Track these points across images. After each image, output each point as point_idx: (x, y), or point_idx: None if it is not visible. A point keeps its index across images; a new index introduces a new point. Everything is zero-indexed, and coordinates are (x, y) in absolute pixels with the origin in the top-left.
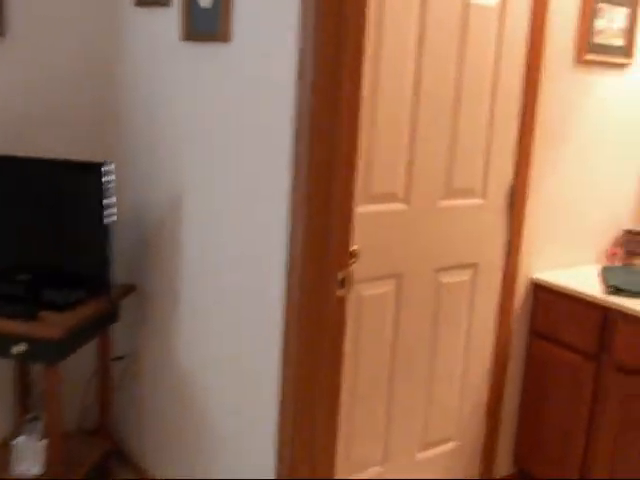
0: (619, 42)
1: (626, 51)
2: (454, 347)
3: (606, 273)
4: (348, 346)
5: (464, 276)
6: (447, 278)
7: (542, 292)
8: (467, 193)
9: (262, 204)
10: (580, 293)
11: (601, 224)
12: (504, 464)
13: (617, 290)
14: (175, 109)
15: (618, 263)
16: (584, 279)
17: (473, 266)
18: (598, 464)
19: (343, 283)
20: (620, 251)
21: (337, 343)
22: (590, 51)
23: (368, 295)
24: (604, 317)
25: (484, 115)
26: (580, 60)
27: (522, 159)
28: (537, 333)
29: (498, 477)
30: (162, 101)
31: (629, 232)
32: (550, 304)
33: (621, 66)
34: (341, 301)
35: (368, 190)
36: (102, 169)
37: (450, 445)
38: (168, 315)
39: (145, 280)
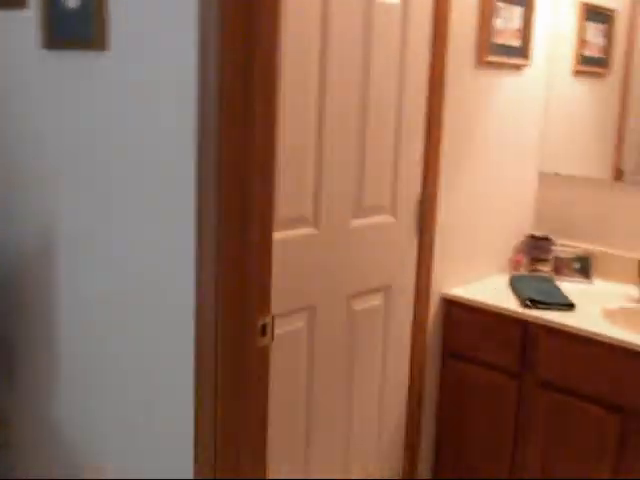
0: (516, 43)
1: (523, 52)
2: (370, 380)
3: (516, 284)
4: None
5: (377, 300)
6: (360, 304)
7: (456, 309)
8: (377, 210)
9: (157, 233)
10: (497, 308)
11: (505, 232)
12: None
13: (533, 302)
14: (38, 128)
15: (524, 271)
16: (496, 292)
17: (386, 288)
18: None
19: (264, 330)
20: (524, 258)
21: (261, 402)
22: (491, 52)
23: (279, 334)
24: (524, 332)
25: (391, 124)
26: (482, 61)
27: (429, 171)
28: (453, 353)
29: None
30: (21, 120)
31: (531, 237)
32: (465, 321)
33: (518, 67)
34: (264, 353)
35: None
36: None
37: None
38: (43, 373)
39: (9, 330)
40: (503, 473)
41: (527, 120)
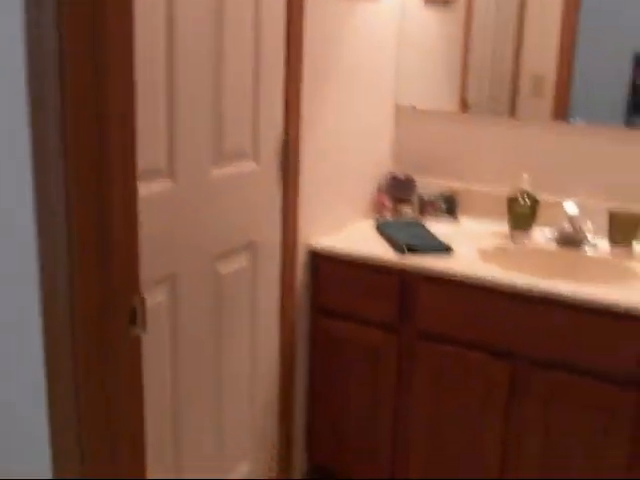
0: None
1: None
2: (240, 349)
3: (386, 229)
4: None
5: (243, 261)
6: (226, 267)
7: (325, 262)
8: (239, 156)
9: None
10: (370, 258)
11: (366, 173)
12: (300, 464)
13: (409, 248)
14: None
15: (388, 214)
16: (365, 240)
17: (251, 245)
18: (411, 443)
19: (134, 316)
20: (388, 200)
21: (136, 403)
22: None
23: None
24: (401, 281)
25: (249, 59)
26: None
27: (291, 110)
28: (325, 310)
29: (296, 477)
30: None
31: (393, 178)
32: (336, 275)
33: None
34: (134, 345)
35: None
36: None
37: (246, 464)
38: None
39: None
40: (386, 432)
41: (384, 52)
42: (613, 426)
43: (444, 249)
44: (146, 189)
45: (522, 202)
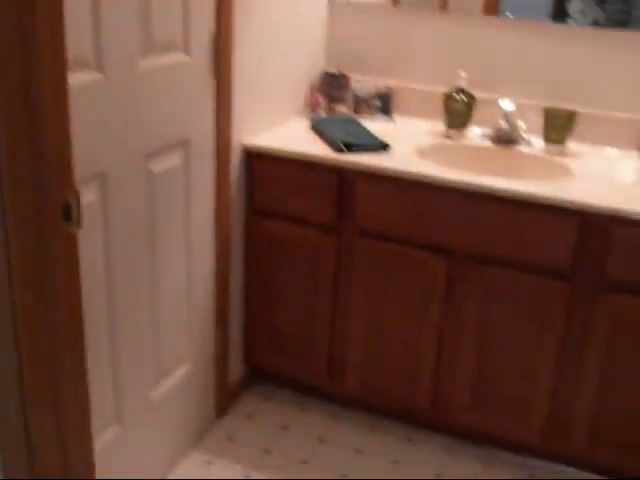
0: None
1: None
2: (176, 252)
3: (321, 127)
4: None
5: (176, 159)
6: (159, 165)
7: (260, 161)
8: (169, 47)
9: None
10: (307, 156)
11: (299, 69)
12: (237, 366)
13: (347, 145)
14: None
15: (323, 112)
16: (301, 139)
17: (185, 143)
18: (350, 343)
19: (69, 213)
20: (322, 98)
21: (74, 298)
22: None
23: None
24: (340, 180)
25: None
26: None
27: None
28: (261, 211)
29: (231, 382)
30: None
31: (326, 74)
32: (272, 174)
33: None
34: (70, 243)
35: None
36: None
37: (184, 368)
38: None
39: None
40: (324, 332)
41: None
42: (547, 317)
43: (382, 146)
44: (70, 81)
45: (458, 99)
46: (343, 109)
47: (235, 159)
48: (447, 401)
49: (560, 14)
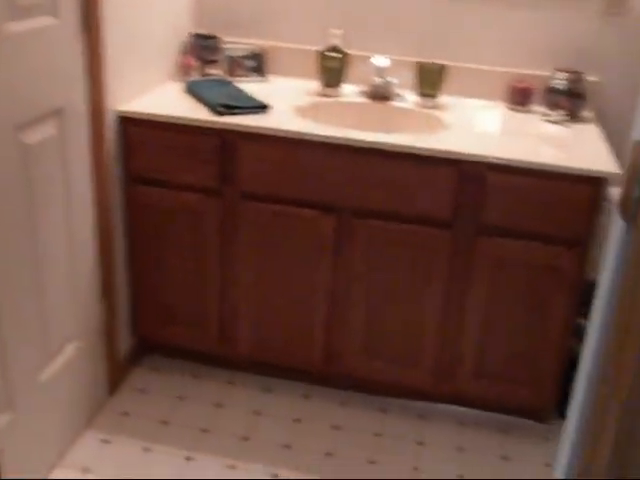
0: None
1: None
2: (56, 227)
3: (196, 90)
4: None
5: (51, 129)
6: (32, 136)
7: (136, 127)
8: (36, 10)
9: None
10: (186, 119)
11: (168, 31)
12: (125, 339)
13: (226, 107)
14: None
15: (196, 75)
16: (176, 102)
17: (59, 112)
18: (240, 307)
19: None
20: (193, 60)
21: None
22: None
23: None
24: (221, 142)
25: None
26: None
27: None
28: (140, 179)
29: (122, 356)
30: None
31: (197, 36)
32: (149, 140)
33: None
34: None
35: None
36: None
37: (72, 345)
38: None
39: None
40: (212, 298)
41: None
42: (432, 264)
43: (261, 107)
44: None
45: (333, 57)
46: (217, 71)
47: (110, 126)
48: (340, 354)
49: None
